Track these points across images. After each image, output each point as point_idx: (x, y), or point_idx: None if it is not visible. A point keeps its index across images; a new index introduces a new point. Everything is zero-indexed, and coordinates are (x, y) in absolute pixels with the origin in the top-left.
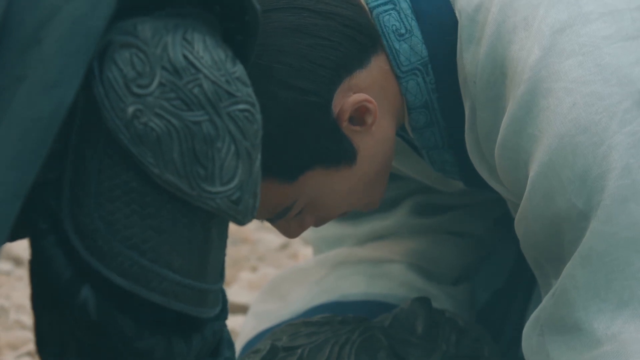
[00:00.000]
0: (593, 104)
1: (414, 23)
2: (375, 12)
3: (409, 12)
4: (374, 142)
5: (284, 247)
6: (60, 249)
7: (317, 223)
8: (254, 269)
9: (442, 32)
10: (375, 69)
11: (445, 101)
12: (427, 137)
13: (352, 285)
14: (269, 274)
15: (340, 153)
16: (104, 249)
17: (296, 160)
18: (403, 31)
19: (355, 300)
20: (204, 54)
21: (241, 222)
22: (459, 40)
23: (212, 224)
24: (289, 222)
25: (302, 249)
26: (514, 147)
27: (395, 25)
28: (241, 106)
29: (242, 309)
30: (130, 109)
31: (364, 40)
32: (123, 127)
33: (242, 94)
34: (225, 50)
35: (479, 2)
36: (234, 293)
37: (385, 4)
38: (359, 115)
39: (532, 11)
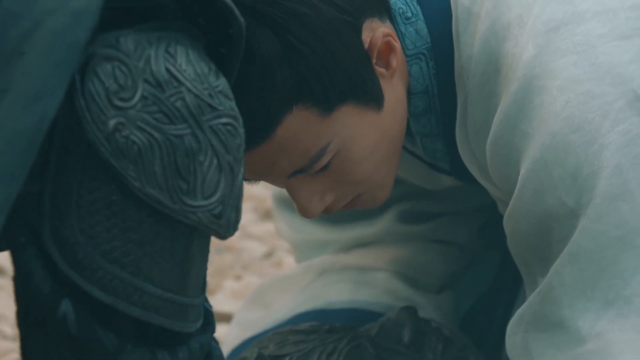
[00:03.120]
0: (586, 102)
1: (418, 8)
2: None
3: None
4: (395, 96)
5: (268, 255)
6: (39, 262)
7: (337, 199)
8: (238, 278)
9: (443, 19)
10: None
11: (444, 88)
12: (423, 123)
13: (338, 293)
14: (253, 282)
15: (371, 90)
16: (84, 263)
17: (335, 85)
18: (409, 15)
19: (340, 308)
20: (187, 67)
21: (223, 236)
22: (454, 31)
23: (194, 238)
24: (313, 190)
25: (287, 257)
26: (505, 144)
27: (402, 8)
28: (224, 120)
29: (226, 318)
30: (112, 122)
31: (384, 2)
32: (104, 140)
33: (225, 108)
34: (208, 64)
35: None
36: (218, 302)
37: None
38: (385, 56)
39: (527, 9)
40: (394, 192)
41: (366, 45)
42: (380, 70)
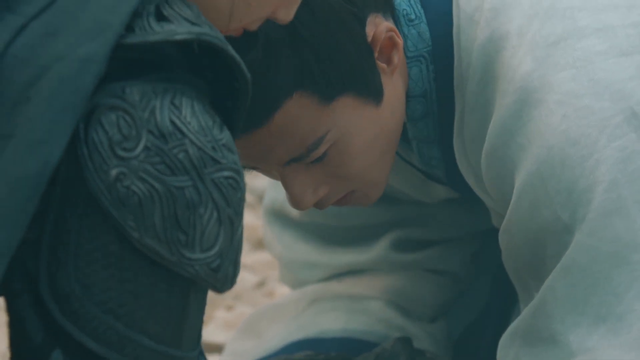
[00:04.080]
0: (584, 117)
1: (422, 10)
2: None
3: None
4: (394, 93)
5: (260, 285)
6: (33, 310)
7: (330, 193)
8: (229, 308)
9: (445, 23)
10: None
11: (443, 93)
12: (420, 128)
13: (331, 321)
14: (245, 312)
15: (372, 83)
16: (79, 312)
17: (337, 74)
18: (413, 17)
19: (334, 337)
20: (192, 119)
21: (220, 290)
22: (455, 37)
23: (191, 291)
24: (307, 181)
25: (279, 287)
26: (501, 156)
27: (406, 9)
28: (226, 173)
29: (218, 349)
30: (114, 172)
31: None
32: (105, 190)
33: (227, 161)
34: (212, 117)
35: (478, 4)
36: (210, 332)
37: None
38: (387, 52)
39: (527, 21)
40: (388, 217)
41: (369, 39)
42: (381, 65)
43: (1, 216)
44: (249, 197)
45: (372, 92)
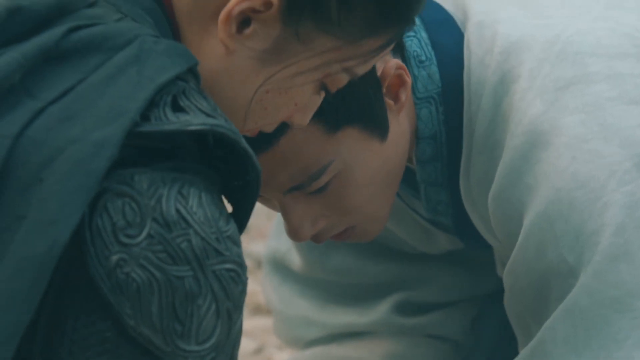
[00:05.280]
0: (593, 160)
1: (432, 52)
2: None
3: (427, 41)
4: (400, 130)
5: (258, 351)
6: None
7: (328, 227)
8: None
9: (456, 65)
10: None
11: (452, 136)
12: (429, 171)
13: None
14: None
15: (378, 117)
16: None
17: (345, 105)
18: (423, 58)
19: None
20: (198, 209)
21: None
22: (465, 80)
23: None
24: (306, 212)
25: (277, 353)
26: (509, 197)
27: (416, 51)
28: (228, 265)
29: None
30: (114, 258)
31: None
32: (105, 275)
33: (230, 254)
34: (220, 208)
35: (488, 47)
36: None
37: (407, 30)
38: (395, 89)
39: (538, 64)
40: (389, 276)
41: (378, 74)
42: (388, 102)
43: (10, 297)
44: (247, 262)
45: (378, 127)
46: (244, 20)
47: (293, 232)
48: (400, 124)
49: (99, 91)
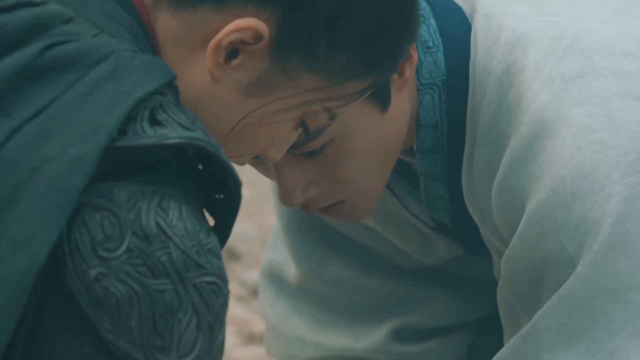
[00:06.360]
0: (599, 151)
1: (440, 39)
2: None
3: (436, 28)
4: (400, 107)
5: None
6: None
7: (319, 196)
8: None
9: (462, 54)
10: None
11: (453, 127)
12: (429, 163)
13: None
14: None
15: (380, 87)
16: None
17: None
18: (430, 45)
19: None
20: (178, 222)
21: None
22: (471, 69)
23: None
24: (299, 176)
25: None
26: (512, 186)
27: (424, 37)
28: (208, 278)
29: None
30: (93, 272)
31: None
32: (83, 290)
33: (211, 267)
34: (200, 221)
35: (495, 38)
36: None
37: (389, 76)
38: (400, 63)
39: (544, 57)
40: (385, 296)
41: None
42: (392, 75)
43: None
44: (240, 290)
45: (380, 96)
46: (232, 51)
47: (284, 195)
48: (402, 101)
49: (74, 108)
